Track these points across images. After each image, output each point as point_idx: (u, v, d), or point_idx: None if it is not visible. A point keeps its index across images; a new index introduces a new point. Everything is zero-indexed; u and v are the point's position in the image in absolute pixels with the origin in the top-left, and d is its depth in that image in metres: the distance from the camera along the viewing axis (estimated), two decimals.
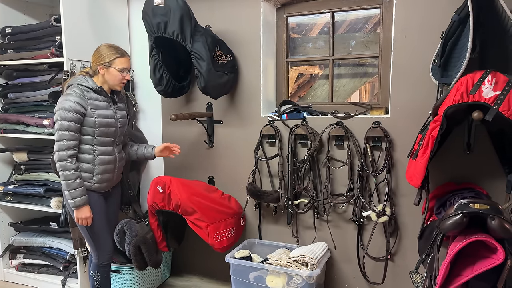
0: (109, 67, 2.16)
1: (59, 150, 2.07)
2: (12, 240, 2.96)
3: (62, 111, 2.05)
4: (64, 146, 2.06)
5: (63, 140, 2.06)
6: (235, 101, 2.77)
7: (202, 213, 2.45)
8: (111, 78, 2.18)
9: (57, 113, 2.07)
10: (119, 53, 2.18)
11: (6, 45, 2.87)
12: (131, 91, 3.03)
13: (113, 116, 2.23)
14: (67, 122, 2.05)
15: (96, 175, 2.19)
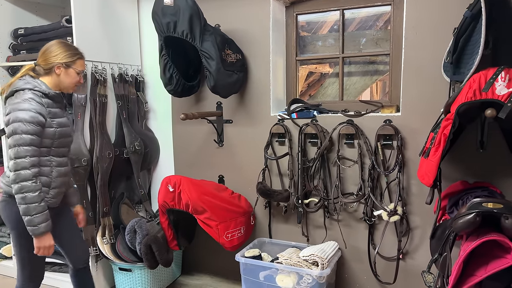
0: (68, 67, 1.95)
1: (21, 169, 1.76)
2: None
3: (22, 124, 1.75)
4: (27, 164, 1.76)
5: (25, 157, 1.76)
6: (244, 100, 2.77)
7: (212, 212, 2.46)
8: (68, 80, 1.97)
9: (12, 126, 1.76)
10: (80, 54, 2.01)
11: (19, 46, 2.91)
12: (142, 91, 3.05)
13: (68, 123, 2.01)
14: (30, 136, 1.77)
15: (53, 189, 1.94)
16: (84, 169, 2.57)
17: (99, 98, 2.65)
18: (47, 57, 1.93)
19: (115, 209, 2.73)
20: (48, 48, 1.94)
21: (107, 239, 2.63)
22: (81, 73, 2.02)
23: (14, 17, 2.99)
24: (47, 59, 1.93)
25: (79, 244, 2.22)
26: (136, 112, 2.97)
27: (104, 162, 2.62)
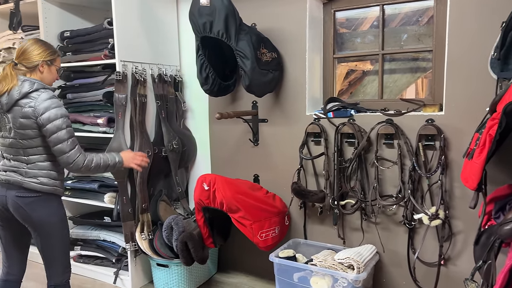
0: (51, 65, 2.02)
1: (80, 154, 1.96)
2: (70, 232, 3.14)
3: (66, 119, 1.95)
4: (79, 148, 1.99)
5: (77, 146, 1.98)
6: (280, 99, 2.75)
7: (246, 211, 2.46)
8: (50, 76, 2.04)
9: (60, 121, 1.91)
10: (58, 52, 2.09)
11: (65, 48, 3.05)
12: (180, 91, 3.11)
13: None
14: (71, 127, 1.98)
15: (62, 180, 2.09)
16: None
17: (139, 98, 2.73)
18: (30, 55, 1.97)
19: (153, 206, 2.80)
20: (29, 47, 1.98)
21: (145, 235, 2.70)
22: (60, 70, 2.11)
23: (61, 21, 3.13)
24: (30, 57, 1.97)
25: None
26: (174, 112, 3.03)
27: None
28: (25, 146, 1.94)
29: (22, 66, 1.98)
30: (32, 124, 1.90)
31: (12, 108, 1.91)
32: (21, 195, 1.94)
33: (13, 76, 1.92)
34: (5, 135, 1.97)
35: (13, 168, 1.97)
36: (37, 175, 1.95)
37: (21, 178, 1.94)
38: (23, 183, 1.94)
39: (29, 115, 1.89)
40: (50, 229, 2.01)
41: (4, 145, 2.00)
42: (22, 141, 1.93)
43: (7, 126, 1.94)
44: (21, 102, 1.89)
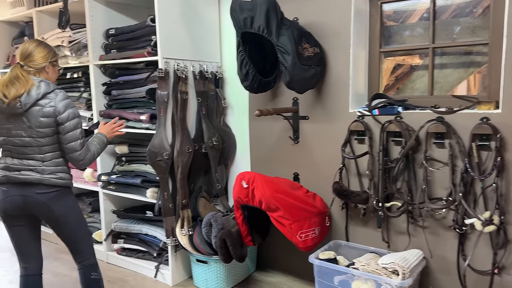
0: (55, 65, 2.13)
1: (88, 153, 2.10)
2: (114, 226, 3.23)
3: (80, 119, 2.09)
4: (87, 146, 2.11)
5: (85, 144, 2.10)
6: (322, 96, 2.67)
7: (286, 211, 2.40)
8: (54, 76, 2.14)
9: (76, 120, 2.04)
10: (57, 53, 2.22)
11: (110, 45, 3.12)
12: (220, 87, 3.09)
13: None
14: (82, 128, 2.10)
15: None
16: (165, 163, 2.68)
17: (180, 94, 2.74)
18: (37, 57, 2.03)
19: (193, 202, 2.82)
20: (35, 50, 2.03)
21: (185, 230, 2.72)
22: (60, 69, 2.21)
23: (107, 18, 3.21)
24: (38, 59, 2.03)
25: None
26: (214, 108, 3.02)
27: (184, 157, 2.71)
28: (42, 144, 1.98)
29: (29, 67, 2.02)
30: (52, 123, 1.97)
31: (31, 108, 1.95)
32: (42, 192, 2.00)
33: (26, 78, 1.97)
34: (19, 135, 1.98)
35: (29, 167, 1.99)
36: (55, 171, 2.02)
37: (40, 176, 1.99)
38: (43, 180, 1.99)
39: (50, 114, 1.96)
40: (73, 219, 2.13)
41: (16, 145, 2.00)
42: (39, 139, 1.97)
43: (23, 126, 1.97)
44: (41, 102, 1.95)
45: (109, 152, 3.29)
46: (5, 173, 2.01)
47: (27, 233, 2.13)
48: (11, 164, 2.01)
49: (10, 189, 2.01)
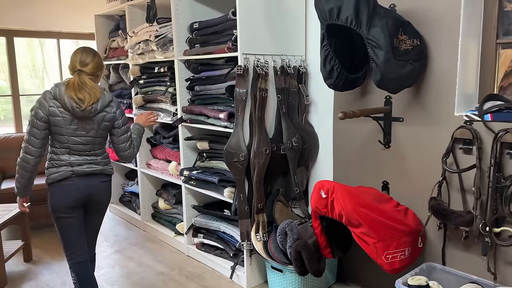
0: (102, 73, 2.32)
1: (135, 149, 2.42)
2: (194, 220, 3.24)
3: (128, 123, 2.37)
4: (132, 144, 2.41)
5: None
6: (420, 95, 2.29)
7: (370, 228, 2.12)
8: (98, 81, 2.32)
9: (128, 124, 2.36)
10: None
11: (194, 40, 3.06)
12: (304, 83, 2.86)
13: None
14: None
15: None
16: (241, 164, 2.56)
17: (259, 92, 2.57)
18: (97, 65, 2.20)
19: (269, 206, 2.66)
20: (95, 58, 2.19)
21: (260, 236, 2.59)
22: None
23: (192, 12, 3.15)
24: (97, 67, 2.20)
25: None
26: (296, 106, 2.81)
27: (260, 158, 2.56)
28: (98, 142, 2.26)
29: (86, 74, 2.16)
30: (110, 126, 2.26)
31: (99, 114, 2.19)
32: (104, 180, 2.32)
33: (95, 86, 2.17)
34: (82, 135, 2.19)
35: (92, 160, 2.25)
36: (107, 163, 2.33)
37: (101, 167, 2.28)
38: (104, 171, 2.30)
39: (111, 119, 2.25)
40: (106, 207, 2.45)
41: (76, 143, 2.19)
42: (97, 138, 2.24)
43: (88, 127, 2.19)
44: (106, 109, 2.23)
45: (192, 147, 3.28)
46: (69, 168, 2.19)
47: (79, 223, 2.30)
48: (73, 160, 2.20)
49: (76, 182, 2.21)
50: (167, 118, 3.33)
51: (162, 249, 3.53)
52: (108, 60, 4.17)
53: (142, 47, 3.40)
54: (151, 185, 3.95)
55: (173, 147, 3.49)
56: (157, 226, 3.80)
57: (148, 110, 3.61)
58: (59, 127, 2.13)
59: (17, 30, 4.58)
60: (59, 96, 2.09)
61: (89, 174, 2.23)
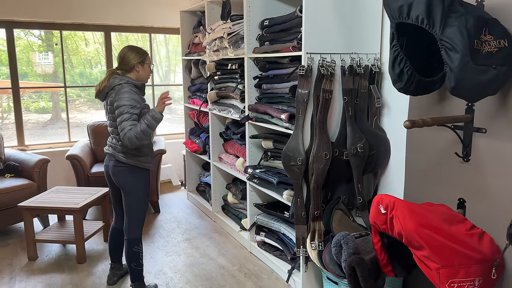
0: (143, 64, 2.58)
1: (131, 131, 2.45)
2: (257, 218, 3.23)
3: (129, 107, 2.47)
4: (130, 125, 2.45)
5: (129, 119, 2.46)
6: (508, 103, 1.97)
7: (433, 251, 1.90)
8: (145, 73, 2.61)
9: (122, 108, 2.45)
10: (146, 52, 2.62)
11: (263, 37, 3.01)
12: (376, 84, 2.64)
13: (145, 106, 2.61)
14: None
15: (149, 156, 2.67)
16: (299, 168, 2.47)
17: (322, 93, 2.44)
18: (127, 61, 2.55)
19: (327, 214, 2.54)
20: (125, 54, 2.56)
21: (315, 244, 2.49)
22: (152, 66, 2.67)
23: (265, 8, 3.11)
24: (127, 62, 2.55)
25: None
26: (365, 109, 2.61)
27: (319, 163, 2.44)
28: (116, 126, 2.52)
29: (122, 69, 2.57)
30: (114, 110, 2.49)
31: (105, 100, 2.59)
32: (116, 165, 2.60)
33: (107, 78, 2.53)
34: (107, 118, 2.63)
35: (112, 144, 2.60)
36: (124, 151, 2.57)
37: (114, 152, 2.60)
38: (115, 156, 2.60)
39: (112, 103, 2.49)
40: (127, 189, 2.61)
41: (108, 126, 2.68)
42: (114, 122, 2.54)
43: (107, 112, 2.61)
44: (109, 93, 2.52)
45: (258, 145, 3.27)
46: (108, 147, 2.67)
47: (114, 193, 2.76)
48: (108, 140, 2.69)
49: (105, 157, 2.70)
50: (236, 115, 3.35)
51: (227, 241, 3.61)
52: (190, 55, 4.33)
53: (217, 44, 3.45)
54: (222, 178, 4.05)
55: (241, 143, 3.52)
56: (225, 218, 3.89)
57: (221, 106, 3.68)
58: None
59: (114, 25, 4.98)
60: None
61: (108, 154, 2.64)
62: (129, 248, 2.63)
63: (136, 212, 2.62)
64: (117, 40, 8.25)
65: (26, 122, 10.08)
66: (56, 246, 3.51)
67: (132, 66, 2.55)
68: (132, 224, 2.62)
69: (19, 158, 3.94)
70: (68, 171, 4.48)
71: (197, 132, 4.45)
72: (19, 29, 4.84)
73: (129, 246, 2.63)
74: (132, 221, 2.62)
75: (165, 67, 11.64)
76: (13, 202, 3.44)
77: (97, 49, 11.40)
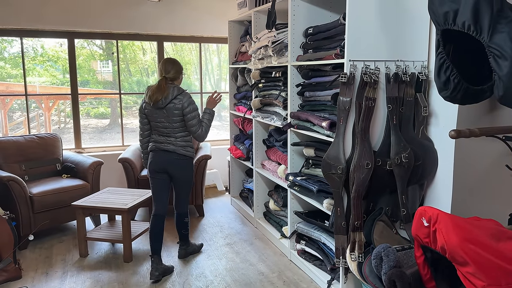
0: (182, 75, 3.14)
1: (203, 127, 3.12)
2: (297, 226, 3.22)
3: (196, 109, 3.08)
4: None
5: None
6: None
7: (479, 268, 1.80)
8: (181, 81, 3.15)
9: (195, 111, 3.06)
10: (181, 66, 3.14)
11: (307, 45, 3.02)
12: (423, 92, 2.56)
13: None
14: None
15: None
16: (339, 177, 2.43)
17: (365, 101, 2.40)
18: (176, 71, 3.06)
19: (368, 225, 2.47)
20: (174, 65, 3.05)
21: (355, 255, 2.43)
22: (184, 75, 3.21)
23: (309, 16, 3.11)
24: (176, 72, 3.06)
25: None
26: (411, 117, 2.53)
27: (361, 173, 2.39)
28: (173, 127, 3.05)
29: (169, 78, 3.03)
30: (180, 114, 3.01)
31: (167, 105, 2.99)
32: (176, 158, 3.10)
33: (165, 87, 2.98)
34: (161, 121, 3.04)
35: (170, 141, 3.09)
36: (184, 146, 3.14)
37: (175, 147, 3.10)
38: (176, 150, 3.10)
39: (179, 108, 3.00)
40: (185, 179, 3.22)
41: (159, 127, 3.08)
42: (172, 123, 3.04)
43: (163, 115, 3.02)
44: (174, 101, 2.98)
45: (299, 152, 3.26)
46: (155, 145, 3.11)
47: (162, 184, 3.15)
48: (158, 139, 3.10)
49: (158, 154, 3.10)
50: (279, 122, 3.37)
51: (268, 248, 3.62)
52: (237, 64, 4.42)
53: (262, 52, 3.51)
54: (264, 185, 4.07)
55: (283, 151, 3.53)
56: (267, 225, 3.90)
57: (264, 113, 3.72)
58: (149, 116, 3.07)
59: (166, 35, 5.20)
60: (145, 96, 3.05)
61: (166, 151, 3.06)
62: (181, 219, 3.32)
63: (188, 192, 3.28)
64: (173, 50, 8.59)
65: (86, 127, 10.74)
66: (106, 245, 3.70)
67: (178, 76, 3.07)
68: (184, 202, 3.28)
69: (75, 160, 4.21)
70: (120, 173, 4.71)
71: (242, 139, 4.51)
72: (80, 39, 5.17)
73: (181, 218, 3.31)
74: (185, 199, 3.27)
75: (217, 76, 11.94)
76: (68, 201, 3.68)
77: (153, 58, 11.92)
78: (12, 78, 9.71)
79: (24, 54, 4.76)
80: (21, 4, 4.40)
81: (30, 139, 4.14)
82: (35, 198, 3.55)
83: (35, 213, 3.56)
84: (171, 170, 3.11)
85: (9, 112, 10.51)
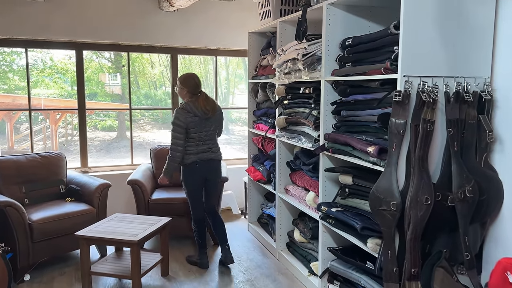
0: None
1: None
2: (331, 265, 2.82)
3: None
4: None
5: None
6: None
7: None
8: None
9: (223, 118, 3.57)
10: None
11: (345, 58, 2.66)
12: (487, 113, 2.18)
13: None
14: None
15: None
16: (392, 215, 2.05)
17: (423, 124, 2.03)
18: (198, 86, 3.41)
19: (426, 273, 2.07)
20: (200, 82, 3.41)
21: None
22: None
23: (345, 26, 2.77)
24: (198, 88, 3.41)
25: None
26: (473, 143, 2.15)
27: (419, 210, 2.00)
28: (214, 135, 3.48)
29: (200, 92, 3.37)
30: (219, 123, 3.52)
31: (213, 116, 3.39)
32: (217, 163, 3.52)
33: (212, 100, 3.40)
34: (208, 131, 3.39)
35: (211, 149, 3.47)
36: (219, 151, 3.59)
37: (216, 154, 3.49)
38: (217, 156, 3.50)
39: (220, 118, 3.54)
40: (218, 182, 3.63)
41: (203, 136, 3.37)
42: (213, 132, 3.45)
43: (210, 125, 3.39)
44: (217, 113, 3.44)
45: (333, 179, 2.88)
46: (198, 155, 3.34)
47: (200, 191, 3.48)
48: (199, 149, 3.35)
49: (202, 164, 3.37)
50: (308, 144, 3.00)
51: (294, 286, 3.21)
52: (257, 78, 4.08)
53: (289, 66, 3.16)
54: (288, 212, 3.69)
55: (312, 176, 3.15)
56: (291, 258, 3.50)
57: (290, 133, 3.35)
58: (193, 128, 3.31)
59: (180, 47, 4.89)
60: (191, 109, 3.26)
61: (209, 160, 3.39)
62: (214, 212, 3.57)
63: (217, 193, 3.76)
64: (181, 63, 8.29)
65: (93, 140, 10.45)
66: (112, 279, 3.31)
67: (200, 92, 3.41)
68: (217, 196, 3.77)
69: (80, 181, 3.85)
70: (129, 195, 4.35)
71: (261, 159, 4.14)
72: (89, 51, 4.87)
73: (214, 210, 3.58)
74: (218, 194, 3.78)
75: (225, 89, 11.64)
76: (72, 229, 3.31)
77: (162, 71, 11.67)
78: (20, 90, 9.50)
79: (33, 66, 4.49)
80: (26, 13, 4.11)
81: (32, 159, 3.79)
82: (35, 225, 3.18)
83: (34, 242, 3.19)
84: (210, 176, 3.45)
85: (17, 124, 10.28)
